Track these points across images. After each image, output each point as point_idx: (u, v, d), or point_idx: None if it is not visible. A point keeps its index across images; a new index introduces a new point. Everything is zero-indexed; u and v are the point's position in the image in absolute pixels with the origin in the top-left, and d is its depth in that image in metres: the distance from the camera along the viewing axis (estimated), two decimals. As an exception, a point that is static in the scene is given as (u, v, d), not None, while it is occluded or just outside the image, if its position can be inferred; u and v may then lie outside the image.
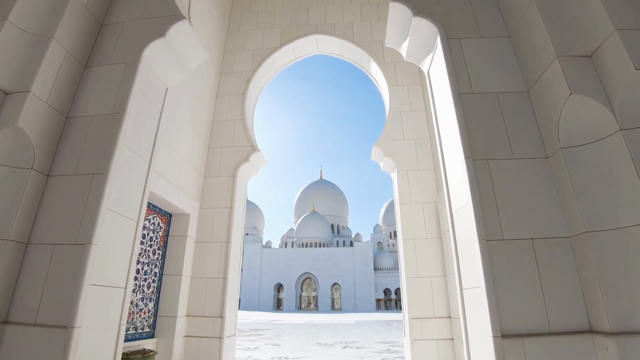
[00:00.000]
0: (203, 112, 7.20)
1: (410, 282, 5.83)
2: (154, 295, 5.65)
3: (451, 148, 3.31)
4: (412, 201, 6.41)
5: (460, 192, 3.06)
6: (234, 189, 6.83)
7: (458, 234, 3.18)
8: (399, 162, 6.74)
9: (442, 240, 5.99)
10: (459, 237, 3.17)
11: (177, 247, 6.04)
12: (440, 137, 3.67)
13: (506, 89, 3.31)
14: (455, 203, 3.22)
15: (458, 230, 3.17)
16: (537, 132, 3.11)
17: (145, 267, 5.45)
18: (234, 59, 8.41)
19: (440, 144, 3.67)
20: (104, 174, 3.32)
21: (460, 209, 3.10)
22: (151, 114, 4.14)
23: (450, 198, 3.35)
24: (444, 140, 3.58)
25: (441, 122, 3.65)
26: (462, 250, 3.09)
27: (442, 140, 3.63)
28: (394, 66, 7.82)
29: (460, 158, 3.02)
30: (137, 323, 5.20)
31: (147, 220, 5.55)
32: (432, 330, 5.53)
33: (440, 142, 3.66)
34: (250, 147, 7.22)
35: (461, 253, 3.10)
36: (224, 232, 6.52)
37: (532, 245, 2.71)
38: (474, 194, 2.81)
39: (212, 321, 5.95)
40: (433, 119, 3.84)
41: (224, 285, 6.14)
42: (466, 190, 2.88)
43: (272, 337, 15.52)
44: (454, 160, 3.23)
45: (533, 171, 2.96)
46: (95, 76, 4.04)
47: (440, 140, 3.66)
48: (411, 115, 7.23)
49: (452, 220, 3.28)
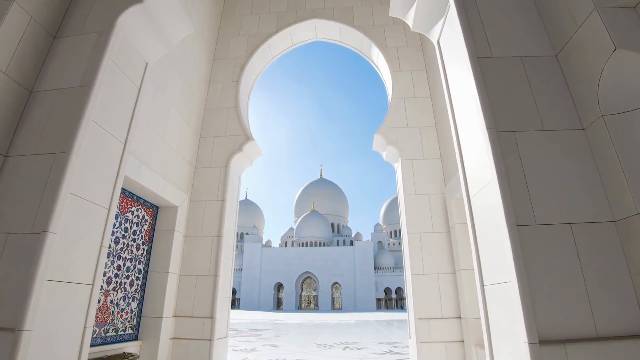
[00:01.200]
0: (194, 99, 6.74)
1: (416, 280, 5.38)
2: (138, 293, 5.19)
3: (468, 122, 2.86)
4: (418, 192, 5.96)
5: (481, 172, 2.61)
6: (226, 180, 6.38)
7: (478, 222, 2.72)
8: (403, 150, 6.29)
9: (450, 234, 5.54)
10: (479, 225, 2.71)
11: (163, 242, 5.59)
12: (453, 112, 3.21)
13: (531, 53, 2.86)
14: (474, 185, 2.76)
15: (478, 217, 2.72)
16: (570, 100, 2.65)
17: (127, 263, 5.00)
18: (228, 45, 7.96)
19: (453, 118, 3.21)
20: (66, 152, 2.87)
21: (480, 192, 2.64)
22: (127, 89, 3.68)
23: (467, 180, 2.90)
24: (458, 114, 3.12)
25: (455, 94, 3.19)
26: (483, 240, 2.64)
27: (456, 115, 3.18)
28: (396, 51, 7.36)
29: (481, 130, 2.56)
30: (117, 324, 4.75)
31: (130, 212, 5.10)
32: (440, 332, 5.08)
33: (454, 117, 3.20)
34: (244, 136, 6.77)
35: (482, 244, 2.65)
36: (215, 226, 6.07)
37: (571, 231, 2.25)
38: (500, 170, 2.36)
39: (202, 322, 5.50)
40: (445, 92, 3.39)
41: (215, 283, 5.69)
42: (489, 168, 2.43)
43: (270, 337, 15.08)
44: (472, 135, 2.77)
45: (567, 144, 2.51)
46: (64, 47, 3.58)
47: (454, 115, 3.20)
48: (415, 102, 6.78)
49: (470, 206, 2.83)
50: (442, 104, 6.07)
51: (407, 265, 5.72)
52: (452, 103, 3.27)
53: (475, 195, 2.74)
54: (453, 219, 5.31)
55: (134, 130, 4.42)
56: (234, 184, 6.65)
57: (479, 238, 2.68)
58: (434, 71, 6.58)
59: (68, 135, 2.96)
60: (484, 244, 2.61)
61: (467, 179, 2.90)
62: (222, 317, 5.75)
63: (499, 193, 2.28)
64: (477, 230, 2.72)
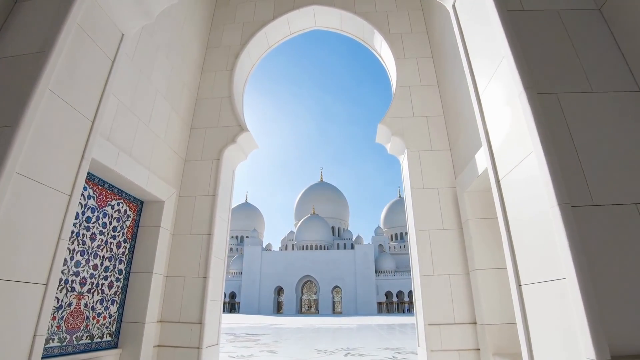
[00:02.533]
0: (184, 87, 6.28)
1: (426, 282, 4.88)
2: (118, 296, 4.70)
3: (497, 87, 2.38)
4: (426, 186, 5.47)
5: (516, 144, 2.12)
6: (218, 174, 5.90)
7: (512, 207, 2.23)
8: (409, 141, 5.81)
9: (462, 231, 5.04)
10: (513, 211, 2.22)
11: (148, 239, 5.10)
12: (475, 81, 2.73)
13: (568, 6, 2.39)
14: (506, 163, 2.28)
15: (512, 202, 2.23)
16: (621, 58, 2.18)
17: (106, 263, 4.51)
18: (222, 32, 7.52)
19: (475, 88, 2.73)
20: (12, 126, 2.39)
21: (515, 169, 2.16)
22: (98, 61, 3.21)
23: (495, 158, 2.42)
24: (482, 81, 2.64)
25: (478, 59, 2.72)
26: (520, 229, 2.16)
27: (478, 83, 2.69)
28: (400, 38, 6.91)
29: (516, 92, 2.08)
30: (93, 330, 4.25)
31: (110, 206, 4.62)
32: (453, 340, 4.57)
33: (476, 86, 2.72)
34: (238, 127, 6.30)
35: (518, 234, 2.17)
36: (205, 223, 5.58)
37: (639, 213, 1.77)
38: (545, 137, 1.88)
39: (190, 328, 5.00)
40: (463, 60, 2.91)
41: (204, 285, 5.19)
42: (528, 137, 1.95)
43: (269, 342, 14.53)
44: (503, 102, 2.29)
45: (624, 108, 2.03)
46: (26, 11, 3.12)
47: (476, 83, 2.72)
48: (422, 91, 6.32)
49: (500, 190, 2.34)
50: (451, 92, 5.61)
51: (415, 266, 5.23)
52: (472, 71, 2.79)
53: (508, 174, 2.25)
54: (466, 214, 4.81)
55: (107, 110, 3.97)
56: (226, 178, 6.18)
57: (514, 227, 2.19)
58: (441, 58, 6.14)
59: (19, 105, 2.48)
60: (521, 233, 2.12)
61: (495, 156, 2.42)
62: (212, 323, 5.25)
63: (546, 166, 1.80)
64: (511, 218, 2.23)
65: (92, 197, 4.31)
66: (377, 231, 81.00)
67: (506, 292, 4.36)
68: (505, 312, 4.28)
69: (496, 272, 4.44)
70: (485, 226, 4.64)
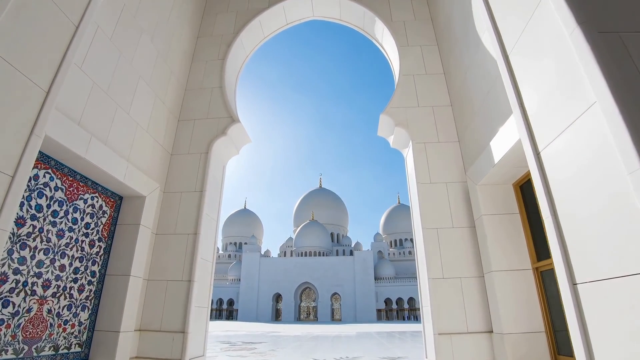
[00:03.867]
0: (171, 76, 5.83)
1: (435, 286, 4.38)
2: (90, 301, 4.19)
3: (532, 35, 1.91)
4: (433, 181, 5.00)
5: (564, 100, 1.65)
6: (206, 168, 5.42)
7: (559, 185, 1.75)
8: (414, 133, 5.35)
9: (475, 229, 4.56)
10: (560, 190, 1.74)
11: (126, 238, 4.60)
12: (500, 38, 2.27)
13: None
14: (548, 127, 1.81)
15: (558, 178, 1.76)
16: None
17: (76, 263, 4.01)
18: (214, 21, 7.10)
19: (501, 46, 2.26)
20: None
21: (564, 134, 1.69)
22: (58, 24, 2.77)
23: (532, 125, 1.94)
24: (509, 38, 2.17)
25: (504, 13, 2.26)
26: (572, 213, 1.68)
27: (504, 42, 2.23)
28: (403, 25, 6.50)
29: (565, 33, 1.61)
30: (58, 340, 3.73)
31: (82, 200, 4.13)
32: (466, 351, 4.06)
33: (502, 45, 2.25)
34: (229, 119, 5.84)
35: (570, 219, 1.69)
36: (191, 222, 5.09)
37: None
38: (616, 84, 1.40)
39: (171, 337, 4.48)
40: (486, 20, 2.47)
41: (189, 289, 4.68)
42: (586, 86, 1.48)
43: (265, 351, 13.92)
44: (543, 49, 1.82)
45: None
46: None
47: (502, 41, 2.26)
48: (427, 80, 5.88)
49: (540, 165, 1.87)
50: (460, 80, 5.17)
51: (422, 269, 4.74)
52: (498, 30, 2.34)
53: (552, 143, 1.78)
54: (479, 210, 4.33)
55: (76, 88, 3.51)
56: (215, 173, 5.70)
57: (564, 212, 1.71)
58: (448, 46, 5.71)
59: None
60: (576, 219, 1.65)
61: (532, 123, 1.95)
62: (197, 332, 4.73)
63: (620, 119, 1.33)
64: (558, 200, 1.76)
65: (61, 188, 3.82)
66: (376, 237, 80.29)
67: (528, 296, 3.87)
68: (527, 319, 3.78)
69: (516, 274, 3.95)
70: (503, 222, 4.16)
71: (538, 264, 3.88)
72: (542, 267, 3.83)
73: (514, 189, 4.29)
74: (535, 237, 4.00)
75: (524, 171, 3.93)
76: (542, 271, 3.84)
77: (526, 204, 4.18)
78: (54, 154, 3.66)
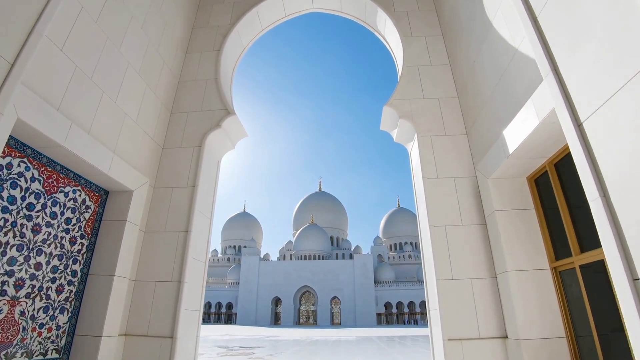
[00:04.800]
0: (164, 66, 5.54)
1: (443, 287, 4.06)
2: (70, 303, 3.87)
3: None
4: (440, 176, 4.70)
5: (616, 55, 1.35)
6: (199, 162, 5.12)
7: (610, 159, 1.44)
8: (420, 125, 5.06)
9: (486, 227, 4.25)
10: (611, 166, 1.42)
11: (111, 236, 4.29)
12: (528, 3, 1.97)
13: None
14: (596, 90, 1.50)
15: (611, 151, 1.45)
16: None
17: (54, 262, 3.69)
18: (210, 12, 6.83)
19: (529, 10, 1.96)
20: None
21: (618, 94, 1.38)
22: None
23: (570, 92, 1.64)
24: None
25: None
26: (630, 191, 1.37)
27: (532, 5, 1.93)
28: (406, 15, 6.22)
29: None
30: (32, 345, 3.41)
31: (62, 193, 3.82)
32: (478, 358, 3.73)
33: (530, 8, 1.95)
34: (224, 111, 5.54)
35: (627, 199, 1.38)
36: (182, 219, 4.77)
37: None
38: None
39: (159, 343, 4.15)
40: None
41: (178, 291, 4.36)
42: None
43: (263, 356, 13.56)
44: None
45: None
46: None
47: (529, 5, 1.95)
48: (432, 71, 5.59)
49: (584, 138, 1.56)
50: (467, 70, 4.90)
51: (429, 269, 4.42)
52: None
53: (602, 107, 1.46)
54: (491, 206, 4.02)
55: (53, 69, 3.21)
56: (209, 168, 5.39)
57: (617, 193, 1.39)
58: (454, 36, 5.43)
59: None
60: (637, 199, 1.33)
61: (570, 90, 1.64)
62: (187, 337, 4.40)
63: None
64: (610, 176, 1.44)
65: (38, 179, 3.52)
66: (376, 241, 79.78)
67: (547, 299, 3.55)
68: (546, 324, 3.46)
69: (533, 274, 3.64)
70: (517, 219, 3.85)
71: (556, 263, 3.57)
72: (560, 267, 3.52)
73: (528, 182, 3.99)
74: (553, 234, 3.69)
75: (540, 162, 3.63)
76: (561, 271, 3.52)
77: (542, 199, 3.87)
78: (30, 142, 3.36)
